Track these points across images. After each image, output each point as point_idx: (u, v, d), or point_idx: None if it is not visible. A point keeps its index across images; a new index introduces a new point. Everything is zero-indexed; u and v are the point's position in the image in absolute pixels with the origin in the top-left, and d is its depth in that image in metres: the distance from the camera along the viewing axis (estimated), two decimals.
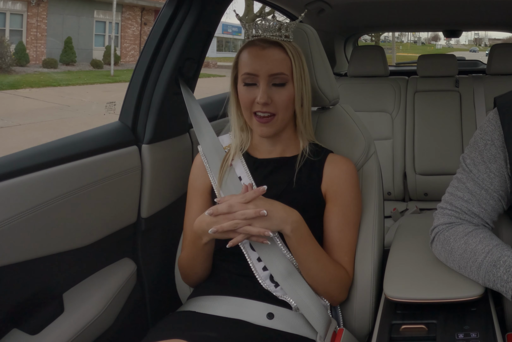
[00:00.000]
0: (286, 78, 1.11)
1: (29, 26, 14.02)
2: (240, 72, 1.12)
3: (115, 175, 1.21)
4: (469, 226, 1.02)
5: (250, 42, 1.13)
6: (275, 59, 1.10)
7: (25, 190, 1.01)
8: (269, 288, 1.09)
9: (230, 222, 1.00)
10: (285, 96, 1.11)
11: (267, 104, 1.09)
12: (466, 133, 2.42)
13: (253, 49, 1.11)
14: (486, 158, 1.04)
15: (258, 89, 1.10)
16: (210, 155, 1.21)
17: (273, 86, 1.10)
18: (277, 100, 1.10)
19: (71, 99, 10.20)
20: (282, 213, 1.03)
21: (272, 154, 1.19)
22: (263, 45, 1.11)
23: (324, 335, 1.05)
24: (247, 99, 1.11)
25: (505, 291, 0.91)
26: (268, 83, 1.10)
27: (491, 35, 39.20)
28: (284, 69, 1.10)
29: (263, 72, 1.09)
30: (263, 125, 1.11)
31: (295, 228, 1.03)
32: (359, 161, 1.25)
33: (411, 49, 32.93)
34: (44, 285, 1.09)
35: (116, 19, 15.85)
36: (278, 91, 1.10)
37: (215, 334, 1.00)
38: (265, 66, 1.09)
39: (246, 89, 1.11)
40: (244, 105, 1.12)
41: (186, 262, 1.16)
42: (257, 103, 1.09)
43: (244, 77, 1.11)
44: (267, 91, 1.09)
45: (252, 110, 1.11)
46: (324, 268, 1.08)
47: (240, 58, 1.13)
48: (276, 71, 1.09)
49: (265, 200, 1.03)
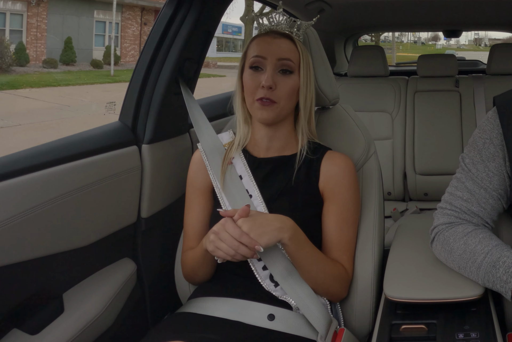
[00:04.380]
0: (293, 66, 1.12)
1: (29, 26, 14.02)
2: (248, 58, 1.13)
3: (115, 175, 1.21)
4: (469, 226, 1.02)
5: (263, 33, 1.15)
6: (285, 47, 1.12)
7: (25, 190, 1.01)
8: (269, 287, 1.09)
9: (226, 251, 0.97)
10: (289, 86, 1.11)
11: (271, 89, 1.09)
12: (466, 133, 2.42)
13: (264, 38, 1.13)
14: (485, 157, 1.04)
15: (264, 74, 1.10)
16: (210, 153, 1.21)
17: (279, 73, 1.11)
18: (281, 88, 1.10)
19: (71, 99, 10.20)
20: (278, 223, 1.01)
21: (271, 152, 1.19)
22: (274, 35, 1.13)
23: (325, 335, 1.05)
24: (251, 84, 1.11)
25: (505, 292, 0.91)
26: (275, 68, 1.11)
27: (491, 35, 39.21)
28: (292, 58, 1.12)
29: (272, 56, 1.10)
30: (263, 109, 1.10)
31: (292, 235, 1.02)
32: (359, 161, 1.25)
33: (411, 49, 32.93)
34: (44, 285, 1.09)
35: (116, 19, 15.86)
36: (283, 79, 1.11)
37: (215, 336, 1.00)
38: (275, 50, 1.11)
39: (252, 74, 1.12)
40: (248, 90, 1.12)
41: (191, 264, 1.16)
42: (262, 88, 1.09)
43: (252, 61, 1.12)
44: (273, 76, 1.10)
45: (255, 96, 1.11)
46: (322, 269, 1.08)
47: (249, 46, 1.15)
48: (285, 56, 1.11)
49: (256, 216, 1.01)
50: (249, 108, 1.15)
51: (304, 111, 1.16)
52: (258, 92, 1.10)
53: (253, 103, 1.12)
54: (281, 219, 1.03)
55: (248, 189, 1.15)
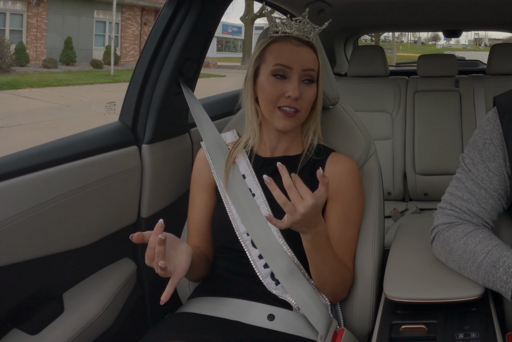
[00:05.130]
0: (314, 76, 1.12)
1: (29, 26, 14.02)
2: (268, 64, 1.10)
3: (115, 175, 1.21)
4: (469, 226, 1.01)
5: (282, 38, 1.12)
6: (309, 56, 1.12)
7: (25, 190, 1.01)
8: (270, 286, 1.09)
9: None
10: (311, 95, 1.12)
11: (296, 100, 1.09)
12: (466, 133, 2.42)
13: (287, 45, 1.11)
14: (485, 158, 1.04)
15: (288, 83, 1.09)
16: (214, 152, 1.21)
17: (302, 83, 1.11)
18: (305, 97, 1.10)
19: (71, 99, 10.20)
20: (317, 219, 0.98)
21: (276, 152, 1.19)
22: (297, 42, 1.12)
23: (325, 335, 1.05)
24: (274, 92, 1.09)
25: (505, 292, 0.91)
26: (300, 78, 1.10)
27: (491, 35, 39.15)
28: (315, 67, 1.12)
29: (298, 66, 1.09)
30: (286, 119, 1.10)
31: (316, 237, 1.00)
32: (359, 161, 1.25)
33: (411, 49, 32.92)
34: (44, 285, 1.10)
35: (116, 19, 15.85)
36: (306, 88, 1.11)
37: (215, 336, 1.00)
38: (300, 60, 1.10)
39: (275, 82, 1.09)
40: (269, 98, 1.10)
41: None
42: (287, 98, 1.08)
43: (275, 69, 1.09)
44: (299, 86, 1.09)
45: (277, 104, 1.10)
46: (335, 272, 1.08)
47: (268, 50, 1.12)
48: (310, 67, 1.10)
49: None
50: (267, 114, 1.12)
51: (316, 116, 1.17)
52: (281, 101, 1.09)
53: (273, 111, 1.10)
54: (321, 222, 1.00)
55: (251, 188, 1.15)
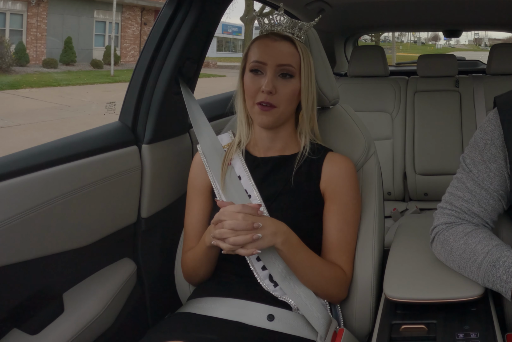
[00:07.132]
0: (293, 71, 1.11)
1: (29, 26, 14.02)
2: (248, 61, 1.13)
3: (115, 175, 1.21)
4: (469, 226, 1.02)
5: (264, 35, 1.14)
6: (285, 51, 1.11)
7: (25, 190, 1.01)
8: (268, 287, 1.09)
9: (216, 231, 0.99)
10: (289, 89, 1.11)
11: (271, 94, 1.09)
12: (466, 133, 2.42)
13: (264, 40, 1.12)
14: (486, 158, 1.04)
15: (264, 78, 1.10)
16: (210, 155, 1.21)
17: (279, 77, 1.11)
18: (281, 92, 1.10)
19: (71, 99, 10.20)
20: (273, 228, 1.01)
21: (271, 152, 1.19)
22: (274, 37, 1.12)
23: (325, 335, 1.05)
24: (252, 88, 1.11)
25: (505, 292, 0.91)
26: (275, 73, 1.10)
27: (491, 35, 39.13)
28: (293, 62, 1.11)
29: (272, 62, 1.10)
30: (263, 113, 1.10)
31: (284, 240, 1.02)
32: (359, 161, 1.25)
33: (411, 49, 32.91)
34: (44, 285, 1.09)
35: (116, 19, 15.86)
36: (283, 83, 1.11)
37: (214, 336, 1.00)
38: (274, 55, 1.10)
39: (253, 77, 1.12)
40: (248, 93, 1.12)
41: (191, 263, 1.16)
42: (262, 92, 1.09)
43: (252, 65, 1.11)
44: (273, 80, 1.10)
45: (255, 100, 1.11)
46: (319, 272, 1.08)
47: (250, 48, 1.14)
48: (285, 62, 1.10)
49: None
50: (249, 111, 1.15)
51: (306, 113, 1.16)
52: (258, 96, 1.10)
53: (253, 107, 1.12)
54: (276, 223, 1.03)
55: (247, 189, 1.15)
